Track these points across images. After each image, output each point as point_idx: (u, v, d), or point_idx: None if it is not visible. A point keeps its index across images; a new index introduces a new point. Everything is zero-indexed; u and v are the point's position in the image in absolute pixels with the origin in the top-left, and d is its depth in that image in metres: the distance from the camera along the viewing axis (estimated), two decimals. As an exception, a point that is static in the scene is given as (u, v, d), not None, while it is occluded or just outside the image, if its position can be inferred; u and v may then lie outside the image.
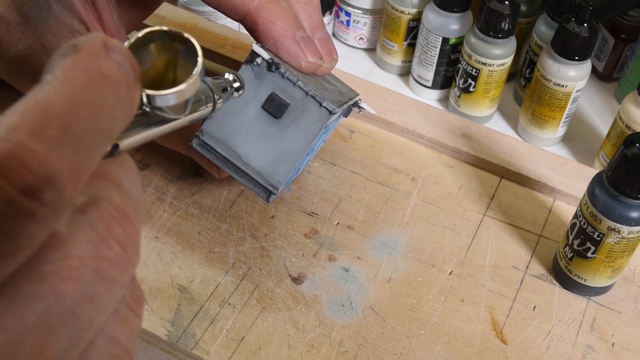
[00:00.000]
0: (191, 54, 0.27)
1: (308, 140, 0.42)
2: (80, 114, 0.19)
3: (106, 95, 0.20)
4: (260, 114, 0.42)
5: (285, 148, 0.42)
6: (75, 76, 0.20)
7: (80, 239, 0.20)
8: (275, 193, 0.42)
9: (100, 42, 0.21)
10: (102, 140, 0.20)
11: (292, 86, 0.41)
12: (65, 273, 0.19)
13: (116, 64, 0.21)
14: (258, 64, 0.41)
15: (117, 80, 0.20)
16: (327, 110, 0.41)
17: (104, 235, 0.20)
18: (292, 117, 0.41)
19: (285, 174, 0.42)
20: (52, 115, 0.19)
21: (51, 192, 0.18)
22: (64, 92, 0.19)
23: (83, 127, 0.19)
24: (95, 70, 0.20)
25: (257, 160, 0.42)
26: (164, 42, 0.27)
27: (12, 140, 0.18)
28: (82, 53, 0.20)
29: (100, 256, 0.20)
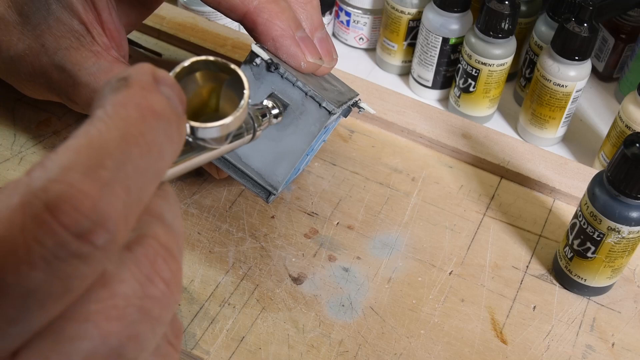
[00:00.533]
0: (236, 85, 0.27)
1: (307, 140, 0.42)
2: (132, 153, 0.19)
3: (157, 132, 0.20)
4: None
5: (285, 148, 0.42)
6: (128, 113, 0.19)
7: (126, 277, 0.20)
8: (274, 193, 0.42)
9: (150, 75, 0.21)
10: (153, 179, 0.20)
11: (291, 86, 0.41)
12: (111, 312, 0.19)
13: (166, 98, 0.21)
14: (257, 64, 0.41)
15: (167, 117, 0.20)
16: (326, 110, 0.41)
17: (150, 273, 0.20)
18: (292, 118, 0.41)
19: (285, 174, 0.42)
20: (104, 154, 0.18)
21: (102, 235, 0.18)
22: (116, 130, 0.19)
23: (135, 166, 0.19)
24: (146, 107, 0.20)
25: (257, 161, 0.42)
26: (210, 71, 0.27)
27: (65, 181, 0.18)
28: (133, 88, 0.20)
29: (145, 294, 0.20)
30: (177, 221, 0.22)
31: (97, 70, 0.46)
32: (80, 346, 0.18)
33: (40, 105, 0.56)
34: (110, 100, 0.20)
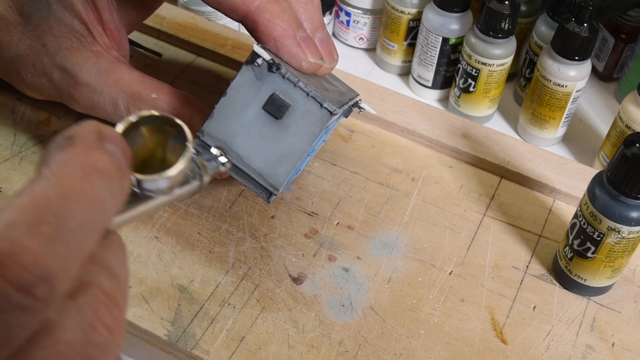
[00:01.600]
0: (181, 137, 0.28)
1: (309, 140, 0.42)
2: (73, 209, 0.20)
3: (99, 188, 0.21)
4: (260, 115, 0.41)
5: (286, 149, 0.42)
6: (71, 171, 0.20)
7: (69, 324, 0.21)
8: (275, 194, 0.42)
9: (95, 133, 0.22)
10: (94, 232, 0.21)
11: (292, 87, 0.41)
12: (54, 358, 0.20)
13: (109, 155, 0.22)
14: (259, 64, 0.41)
15: (109, 173, 0.21)
16: (327, 111, 0.41)
17: (92, 321, 0.21)
18: (293, 118, 0.41)
19: (286, 174, 0.42)
20: (46, 211, 0.20)
21: (43, 288, 0.19)
22: (59, 187, 0.20)
23: (76, 221, 0.20)
24: (89, 164, 0.21)
25: (258, 161, 0.42)
26: (155, 125, 0.28)
27: (8, 238, 0.19)
28: (77, 147, 0.21)
29: (88, 341, 0.21)
30: (123, 269, 0.23)
31: (98, 70, 0.46)
32: None
33: (40, 105, 0.56)
34: (55, 159, 0.21)
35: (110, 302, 0.22)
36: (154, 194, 0.27)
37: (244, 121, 0.42)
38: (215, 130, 0.42)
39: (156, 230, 0.49)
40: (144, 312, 0.44)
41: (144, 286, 0.46)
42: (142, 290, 0.45)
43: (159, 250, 0.48)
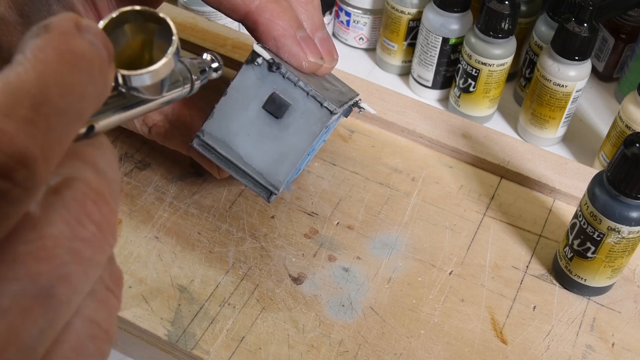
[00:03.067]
0: (166, 33, 0.27)
1: (309, 140, 0.42)
2: (51, 94, 0.19)
3: (78, 74, 0.20)
4: (261, 114, 0.41)
5: (286, 148, 0.42)
6: (46, 56, 0.19)
7: (54, 219, 0.19)
8: (276, 193, 0.42)
9: (73, 22, 0.20)
10: (74, 120, 0.20)
11: (292, 86, 0.41)
12: (39, 253, 0.19)
13: (88, 43, 0.20)
14: (259, 64, 0.41)
15: (89, 60, 0.20)
16: (328, 110, 0.41)
17: (79, 216, 0.20)
18: (293, 117, 0.41)
19: (286, 173, 0.42)
20: (22, 95, 0.18)
21: (22, 171, 0.18)
22: (34, 72, 0.19)
23: (54, 106, 0.19)
24: (66, 50, 0.20)
25: (258, 160, 0.42)
26: (139, 22, 0.27)
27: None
28: (53, 32, 0.20)
29: (75, 236, 0.20)
30: (111, 169, 0.22)
31: None
32: (8, 288, 0.18)
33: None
34: (29, 45, 0.20)
35: (97, 197, 0.21)
36: (141, 94, 0.26)
37: (244, 120, 0.42)
38: (216, 129, 0.42)
39: (156, 230, 0.49)
40: (144, 312, 0.44)
41: (144, 286, 0.46)
42: (142, 290, 0.45)
43: (159, 250, 0.48)
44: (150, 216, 0.50)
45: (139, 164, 0.53)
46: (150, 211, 0.50)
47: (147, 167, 0.53)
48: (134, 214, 0.50)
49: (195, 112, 0.46)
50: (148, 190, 0.51)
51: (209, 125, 0.42)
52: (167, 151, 0.54)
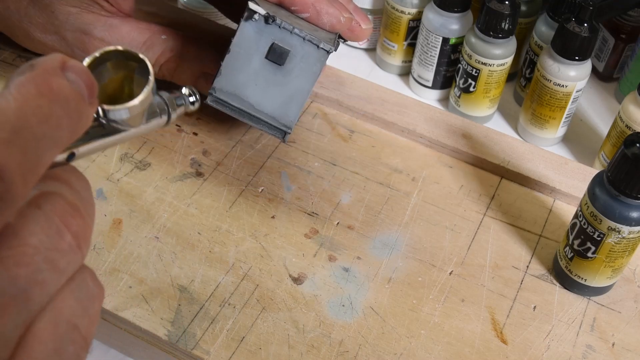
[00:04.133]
0: (145, 71, 0.30)
1: (312, 80, 0.46)
2: (28, 121, 0.21)
3: (55, 107, 0.22)
4: (264, 64, 0.46)
5: (292, 90, 0.46)
6: (27, 90, 0.22)
7: (35, 229, 0.22)
8: (289, 132, 0.47)
9: (58, 62, 0.23)
10: (50, 145, 0.22)
11: (289, 34, 0.45)
12: (20, 259, 0.21)
13: (67, 81, 0.23)
14: (256, 19, 0.45)
15: (65, 96, 0.23)
16: (324, 50, 0.46)
17: (58, 227, 0.22)
18: (294, 62, 0.46)
19: (296, 113, 0.47)
20: (2, 121, 0.21)
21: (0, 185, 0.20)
22: (14, 102, 0.21)
23: (31, 132, 0.21)
24: (44, 86, 0.22)
25: (269, 106, 0.47)
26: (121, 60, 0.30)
27: None
28: (36, 71, 0.22)
29: (53, 247, 0.22)
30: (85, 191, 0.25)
31: (110, 25, 0.52)
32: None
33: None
34: (14, 81, 0.22)
35: (73, 211, 0.23)
36: (120, 125, 0.29)
37: (250, 72, 0.46)
38: (225, 85, 0.46)
39: (156, 230, 0.49)
40: (144, 312, 0.44)
41: (144, 286, 0.46)
42: (142, 290, 0.45)
43: (159, 250, 0.48)
44: (150, 216, 0.50)
45: (139, 164, 0.53)
46: (150, 211, 0.50)
47: (147, 167, 0.53)
48: (134, 214, 0.50)
49: (202, 46, 0.53)
50: (148, 190, 0.51)
51: (219, 81, 0.46)
52: (167, 151, 0.54)
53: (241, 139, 0.56)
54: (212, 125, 0.56)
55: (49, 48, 0.55)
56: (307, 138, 0.56)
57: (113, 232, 0.48)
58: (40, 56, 0.23)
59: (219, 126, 0.56)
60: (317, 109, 0.59)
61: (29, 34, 0.54)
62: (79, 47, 0.53)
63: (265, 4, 0.46)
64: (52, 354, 0.22)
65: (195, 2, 0.69)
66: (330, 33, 0.49)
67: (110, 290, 0.45)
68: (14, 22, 0.54)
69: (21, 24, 0.53)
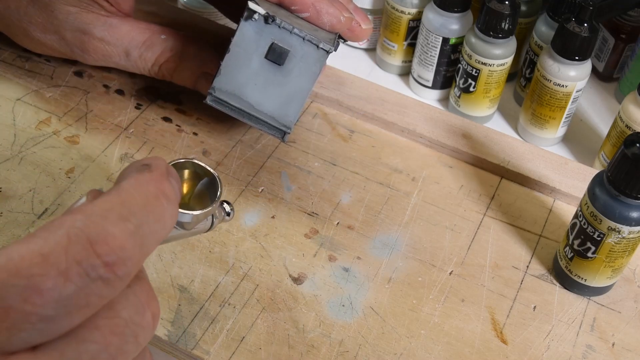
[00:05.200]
0: (212, 186, 0.34)
1: (311, 80, 0.46)
2: (148, 217, 0.25)
3: (165, 209, 0.26)
4: (264, 64, 0.46)
5: (292, 90, 0.46)
6: (148, 189, 0.26)
7: (127, 305, 0.25)
8: (288, 132, 0.47)
9: (165, 167, 0.28)
10: (157, 239, 0.26)
11: (289, 34, 0.45)
12: (114, 328, 0.24)
13: (173, 187, 0.27)
14: (256, 19, 0.45)
15: (172, 200, 0.27)
16: (324, 50, 0.46)
17: (144, 305, 0.26)
18: (294, 62, 0.46)
19: (296, 113, 0.47)
20: (130, 212, 0.25)
21: (123, 269, 0.24)
22: (140, 197, 0.25)
23: (149, 228, 0.25)
24: (161, 189, 0.26)
25: (268, 106, 0.47)
26: (194, 170, 0.34)
27: (103, 223, 0.24)
28: (154, 173, 0.27)
29: (138, 322, 0.25)
30: None
31: (110, 25, 0.52)
32: (88, 347, 0.24)
33: (40, 105, 0.56)
34: (136, 178, 0.26)
35: (153, 294, 0.27)
36: (177, 226, 0.32)
37: (249, 72, 0.46)
38: (225, 84, 0.46)
39: (156, 230, 0.49)
40: (144, 312, 0.44)
41: (144, 286, 0.46)
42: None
43: (159, 250, 0.48)
44: (150, 216, 0.50)
45: (139, 164, 0.53)
46: (150, 211, 0.50)
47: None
48: (134, 214, 0.50)
49: (202, 46, 0.53)
50: (148, 190, 0.51)
51: (219, 81, 0.46)
52: (167, 151, 0.54)
53: (241, 139, 0.56)
54: (212, 125, 0.56)
55: (49, 48, 0.54)
56: (307, 138, 0.56)
57: (113, 232, 0.48)
58: None
59: (219, 126, 0.56)
60: (317, 109, 0.59)
61: (29, 33, 0.54)
62: (79, 47, 0.53)
63: (265, 4, 0.46)
64: None
65: (195, 2, 0.69)
66: (330, 33, 0.49)
67: (110, 290, 0.45)
68: (13, 21, 0.54)
69: (21, 23, 0.53)
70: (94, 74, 0.59)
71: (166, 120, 0.56)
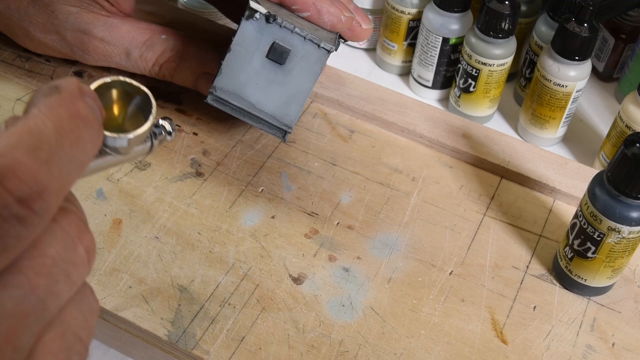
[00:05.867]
0: (145, 104, 0.31)
1: (312, 79, 0.46)
2: (63, 143, 0.22)
3: (82, 132, 0.23)
4: (265, 64, 0.46)
5: (293, 90, 0.46)
6: (59, 112, 0.23)
7: (53, 242, 0.23)
8: (289, 132, 0.47)
9: (77, 86, 0.24)
10: (78, 167, 0.23)
11: (290, 34, 0.45)
12: (40, 269, 0.22)
13: (90, 107, 0.24)
14: (257, 18, 0.45)
15: (90, 121, 0.24)
16: (325, 50, 0.46)
17: (74, 241, 0.23)
18: (295, 62, 0.46)
19: (296, 113, 0.47)
20: (42, 140, 0.22)
21: (40, 203, 0.21)
22: (51, 124, 0.22)
23: (65, 154, 0.22)
24: (74, 110, 0.23)
25: (269, 105, 0.46)
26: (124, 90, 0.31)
27: (10, 156, 0.21)
28: (63, 94, 0.23)
29: (69, 259, 0.23)
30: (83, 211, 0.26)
31: (110, 25, 0.52)
32: (12, 293, 0.21)
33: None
34: (44, 102, 0.23)
35: (85, 227, 0.24)
36: (111, 152, 0.30)
37: (250, 71, 0.46)
38: (226, 84, 0.46)
39: (156, 230, 0.49)
40: (144, 312, 0.44)
41: (144, 286, 0.46)
42: (142, 290, 0.45)
43: (159, 250, 0.48)
44: (150, 216, 0.50)
45: (139, 164, 0.53)
46: (150, 211, 0.50)
47: (147, 167, 0.53)
48: (134, 214, 0.50)
49: (202, 46, 0.53)
50: (148, 190, 0.51)
51: (219, 80, 0.46)
52: (167, 151, 0.54)
53: (241, 139, 0.56)
54: (212, 125, 0.56)
55: (49, 48, 0.55)
56: (307, 138, 0.56)
57: (113, 232, 0.48)
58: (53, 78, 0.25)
59: (219, 126, 0.56)
60: (317, 109, 0.59)
61: (29, 33, 0.54)
62: (79, 47, 0.53)
63: (266, 3, 0.46)
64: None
65: (195, 2, 0.69)
66: (330, 33, 0.49)
67: (110, 290, 0.45)
68: (14, 21, 0.54)
69: (21, 23, 0.53)
70: (94, 74, 0.59)
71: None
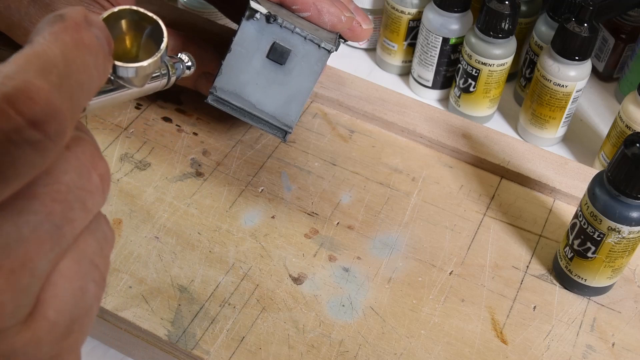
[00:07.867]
0: (156, 34, 0.31)
1: (313, 79, 0.46)
2: (71, 69, 0.22)
3: (88, 59, 0.23)
4: (266, 64, 0.46)
5: (293, 90, 0.46)
6: (64, 39, 0.22)
7: (68, 169, 0.22)
8: (289, 132, 0.47)
9: (82, 15, 0.23)
10: (86, 94, 0.23)
11: (290, 34, 0.45)
12: (55, 195, 0.21)
13: (95, 36, 0.23)
14: (257, 18, 0.45)
15: (96, 50, 0.23)
16: (325, 50, 0.46)
17: (88, 168, 0.23)
18: (295, 62, 0.46)
19: (297, 113, 0.47)
20: (51, 64, 0.21)
21: (54, 126, 0.20)
22: (57, 49, 0.21)
23: (74, 79, 0.22)
24: (79, 38, 0.23)
25: (269, 105, 0.46)
26: (134, 20, 0.30)
27: (21, 78, 0.20)
28: (68, 22, 0.23)
29: (83, 186, 0.22)
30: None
31: None
32: (28, 219, 0.21)
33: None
34: (48, 30, 0.22)
35: (100, 155, 0.24)
36: (126, 83, 0.30)
37: (251, 71, 0.46)
38: (226, 84, 0.46)
39: (156, 230, 0.49)
40: (144, 312, 0.44)
41: (144, 286, 0.46)
42: (142, 290, 0.45)
43: (159, 250, 0.48)
44: (150, 216, 0.50)
45: (139, 164, 0.53)
46: (150, 211, 0.50)
47: (147, 167, 0.53)
48: (134, 214, 0.50)
49: (202, 46, 0.53)
50: (148, 190, 0.51)
51: (220, 81, 0.46)
52: (167, 151, 0.54)
53: (241, 139, 0.56)
54: (212, 125, 0.56)
55: None
56: (307, 138, 0.56)
57: (113, 232, 0.48)
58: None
59: (219, 126, 0.56)
60: (317, 109, 0.59)
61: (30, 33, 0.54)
62: None
63: (266, 3, 0.46)
64: (76, 291, 0.22)
65: (195, 2, 0.69)
66: (331, 33, 0.49)
67: (110, 290, 0.45)
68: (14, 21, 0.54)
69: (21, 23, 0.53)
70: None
71: (166, 120, 0.56)
